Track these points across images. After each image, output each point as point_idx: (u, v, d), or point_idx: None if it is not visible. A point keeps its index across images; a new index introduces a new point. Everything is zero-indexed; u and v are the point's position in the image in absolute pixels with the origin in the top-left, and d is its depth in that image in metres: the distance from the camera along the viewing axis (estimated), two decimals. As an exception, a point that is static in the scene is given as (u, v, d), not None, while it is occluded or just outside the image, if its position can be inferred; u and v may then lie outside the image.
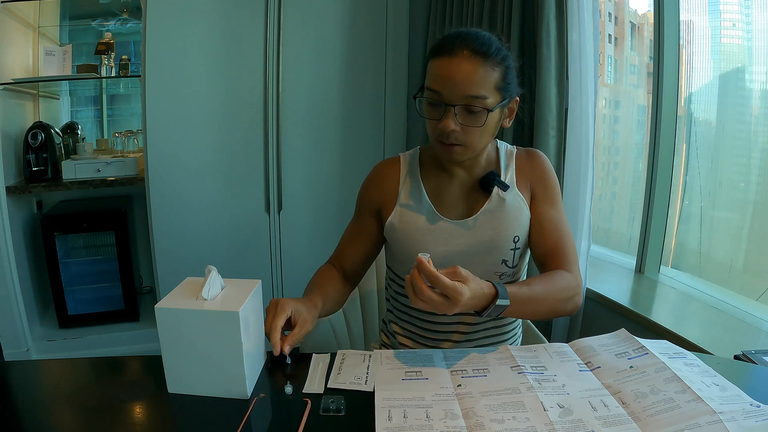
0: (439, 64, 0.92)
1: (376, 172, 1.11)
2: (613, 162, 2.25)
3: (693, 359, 0.83)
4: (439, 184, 1.06)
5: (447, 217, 1.04)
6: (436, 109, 0.94)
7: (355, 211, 1.13)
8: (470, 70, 0.90)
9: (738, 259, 1.62)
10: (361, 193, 1.12)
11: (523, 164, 1.07)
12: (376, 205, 1.09)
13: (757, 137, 1.53)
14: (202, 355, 0.77)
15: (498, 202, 1.03)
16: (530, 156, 1.08)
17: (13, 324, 2.22)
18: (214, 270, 0.81)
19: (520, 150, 1.09)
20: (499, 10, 1.86)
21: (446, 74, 0.91)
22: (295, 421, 0.72)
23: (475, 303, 0.82)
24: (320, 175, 2.52)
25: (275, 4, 2.26)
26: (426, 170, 1.07)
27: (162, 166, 2.26)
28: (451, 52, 0.91)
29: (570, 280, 0.96)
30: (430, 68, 0.94)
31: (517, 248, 1.04)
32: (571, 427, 0.68)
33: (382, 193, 1.08)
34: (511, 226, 1.02)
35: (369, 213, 1.10)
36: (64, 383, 0.86)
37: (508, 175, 1.05)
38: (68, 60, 2.44)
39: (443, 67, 0.91)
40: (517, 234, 1.03)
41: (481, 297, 0.82)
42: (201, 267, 0.83)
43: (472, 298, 0.80)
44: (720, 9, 1.61)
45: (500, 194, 1.03)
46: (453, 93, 0.91)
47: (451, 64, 0.90)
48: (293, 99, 2.39)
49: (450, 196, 1.05)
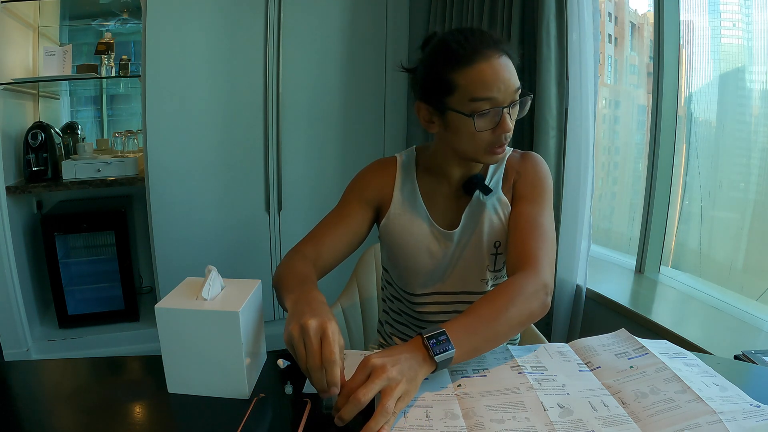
0: (480, 69, 0.86)
1: (372, 169, 1.07)
2: (613, 162, 2.25)
3: (693, 359, 0.83)
4: (433, 189, 1.04)
5: (438, 224, 1.03)
6: (485, 117, 0.88)
7: (340, 202, 1.04)
8: (507, 63, 0.87)
9: (738, 259, 1.62)
10: (354, 185, 1.05)
11: (513, 165, 1.03)
12: (372, 195, 1.03)
13: (757, 137, 1.53)
14: (202, 355, 0.77)
15: (477, 206, 1.01)
16: (523, 157, 1.04)
17: (13, 324, 2.22)
18: (214, 270, 0.81)
19: (516, 152, 1.06)
20: (499, 10, 1.86)
21: (495, 76, 0.86)
22: (295, 421, 0.72)
23: (410, 362, 0.70)
24: (320, 175, 2.52)
25: (275, 4, 2.26)
26: (422, 172, 1.05)
27: (162, 166, 2.26)
28: (482, 55, 0.86)
29: (523, 281, 0.84)
30: (465, 79, 0.86)
31: (499, 253, 1.02)
32: (571, 427, 0.68)
33: (379, 189, 1.04)
34: (492, 232, 1.00)
35: (361, 200, 1.03)
36: (64, 383, 0.85)
37: (494, 178, 1.02)
38: (68, 60, 2.44)
39: (489, 71, 0.86)
40: (498, 239, 1.00)
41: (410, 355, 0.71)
42: (201, 267, 0.83)
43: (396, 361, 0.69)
44: (720, 9, 1.61)
45: (481, 198, 1.00)
46: (506, 93, 0.87)
47: (494, 65, 0.86)
48: (293, 99, 2.39)
49: (442, 202, 1.03)
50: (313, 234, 1.00)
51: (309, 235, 1.00)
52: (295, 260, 0.94)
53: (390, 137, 2.60)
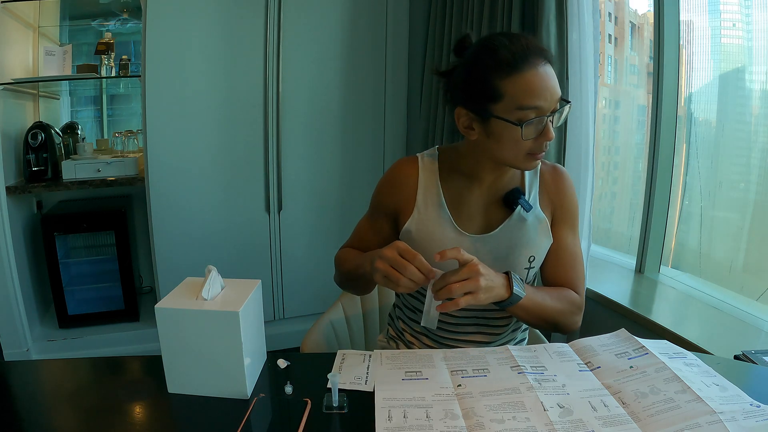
0: (529, 78, 0.86)
1: (393, 174, 1.06)
2: (613, 162, 2.25)
3: (693, 359, 0.83)
4: (459, 193, 1.02)
5: (465, 230, 1.01)
6: (532, 126, 0.88)
7: (370, 207, 1.10)
8: (552, 73, 0.89)
9: (738, 259, 1.62)
10: (378, 192, 1.08)
11: (548, 182, 1.04)
12: (393, 208, 1.05)
13: (757, 137, 1.53)
14: (202, 355, 0.77)
15: (518, 221, 1.01)
16: (556, 174, 1.05)
17: (13, 324, 2.22)
18: (214, 270, 0.81)
19: (546, 165, 1.06)
20: (499, 10, 1.86)
21: (542, 85, 0.87)
22: (295, 421, 0.72)
23: (490, 281, 0.85)
24: (320, 175, 2.52)
25: (275, 4, 2.26)
26: (445, 175, 1.03)
27: (162, 166, 2.25)
28: (530, 62, 0.86)
29: (576, 299, 1.02)
30: (514, 87, 0.87)
31: (531, 267, 1.02)
32: (571, 427, 0.68)
33: (400, 196, 1.04)
34: (528, 246, 1.01)
35: (384, 215, 1.07)
36: (64, 383, 0.86)
37: (532, 194, 1.03)
38: (68, 60, 2.44)
39: (537, 80, 0.86)
40: (533, 254, 1.01)
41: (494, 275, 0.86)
42: (201, 267, 0.83)
43: (487, 274, 0.84)
44: (720, 9, 1.61)
45: (522, 214, 1.00)
46: (551, 101, 0.88)
47: (541, 74, 0.87)
48: (293, 99, 2.39)
49: (469, 207, 1.02)
50: (351, 238, 1.13)
51: (349, 238, 1.14)
52: (346, 250, 1.10)
53: (390, 137, 2.60)
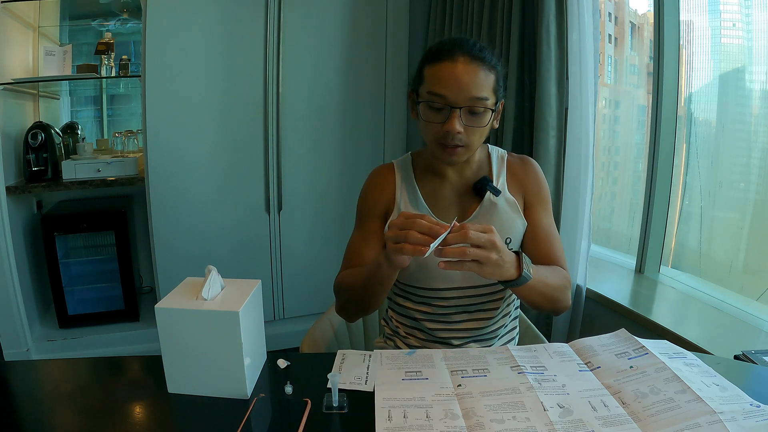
0: (441, 68, 0.95)
1: (373, 179, 1.13)
2: (613, 162, 2.25)
3: (693, 359, 0.83)
4: (434, 188, 1.09)
5: (444, 220, 1.04)
6: (438, 112, 0.96)
7: (357, 220, 1.13)
8: (473, 72, 0.94)
9: (738, 259, 1.62)
10: (363, 199, 1.13)
11: (516, 170, 1.10)
12: (381, 208, 1.10)
13: (757, 137, 1.53)
14: (202, 355, 0.77)
15: (490, 206, 1.06)
16: (524, 163, 1.12)
17: (13, 324, 2.22)
18: (214, 270, 0.81)
19: (513, 156, 1.13)
20: (499, 11, 1.86)
21: (451, 77, 0.94)
22: (295, 421, 0.72)
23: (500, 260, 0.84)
24: (320, 175, 2.52)
25: (275, 5, 2.26)
26: (420, 174, 1.10)
27: (162, 166, 2.25)
28: (452, 56, 0.94)
29: (566, 274, 1.05)
30: (430, 73, 0.97)
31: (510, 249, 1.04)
32: (571, 427, 0.68)
33: (384, 197, 1.10)
34: (503, 229, 1.04)
35: (375, 216, 1.10)
36: (64, 383, 0.86)
37: (500, 181, 1.09)
38: (68, 60, 2.43)
39: (447, 71, 0.94)
40: (509, 236, 1.06)
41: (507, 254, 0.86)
42: (201, 267, 0.83)
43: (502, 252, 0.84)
44: (720, 9, 1.61)
45: (492, 199, 1.06)
46: (459, 95, 0.94)
47: (455, 67, 0.94)
48: (293, 99, 2.39)
49: (444, 200, 1.08)
50: (346, 261, 1.10)
51: (343, 264, 1.11)
52: (345, 272, 1.07)
53: (390, 137, 2.60)
